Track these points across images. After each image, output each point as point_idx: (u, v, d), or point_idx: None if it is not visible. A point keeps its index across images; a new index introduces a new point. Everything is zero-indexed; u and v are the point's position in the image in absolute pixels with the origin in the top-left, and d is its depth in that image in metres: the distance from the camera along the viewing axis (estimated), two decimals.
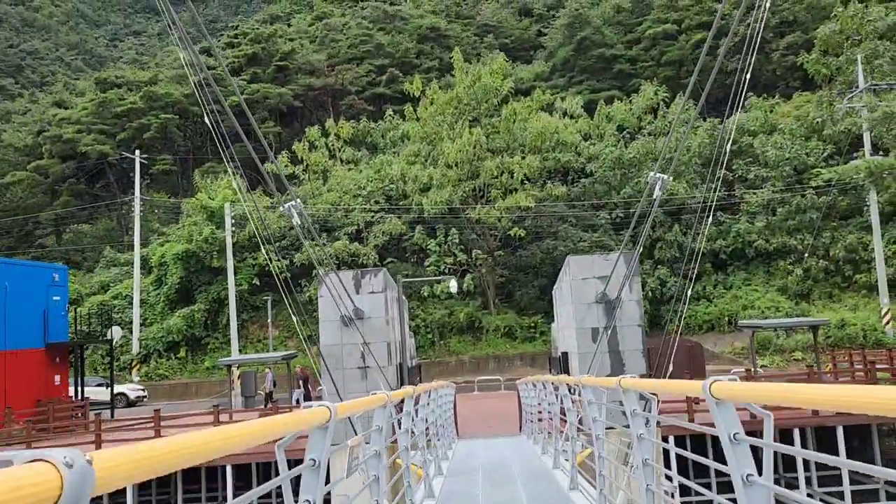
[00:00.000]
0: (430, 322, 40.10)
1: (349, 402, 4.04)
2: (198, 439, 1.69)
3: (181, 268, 41.52)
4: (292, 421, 2.68)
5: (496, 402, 27.12)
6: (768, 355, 31.70)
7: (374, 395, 5.05)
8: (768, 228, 37.13)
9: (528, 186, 41.15)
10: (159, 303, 42.08)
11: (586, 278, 18.75)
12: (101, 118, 56.61)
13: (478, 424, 21.08)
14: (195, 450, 1.65)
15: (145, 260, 43.92)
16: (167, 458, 1.49)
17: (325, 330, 19.04)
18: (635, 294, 18.58)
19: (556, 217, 41.74)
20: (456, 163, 41.39)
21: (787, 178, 37.55)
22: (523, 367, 36.81)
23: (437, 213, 41.43)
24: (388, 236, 42.09)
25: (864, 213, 35.02)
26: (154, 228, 49.19)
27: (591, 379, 6.70)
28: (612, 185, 41.87)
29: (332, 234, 43.41)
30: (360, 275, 19.28)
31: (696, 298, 38.30)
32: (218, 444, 1.83)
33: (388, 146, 50.22)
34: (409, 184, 43.26)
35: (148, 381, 38.36)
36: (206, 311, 40.88)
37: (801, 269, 35.74)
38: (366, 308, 18.86)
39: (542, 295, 40.36)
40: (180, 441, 1.61)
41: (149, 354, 39.86)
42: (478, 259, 40.51)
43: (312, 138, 47.84)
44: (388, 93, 58.56)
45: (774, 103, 44.77)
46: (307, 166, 47.53)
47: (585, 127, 45.33)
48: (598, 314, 18.53)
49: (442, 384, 13.41)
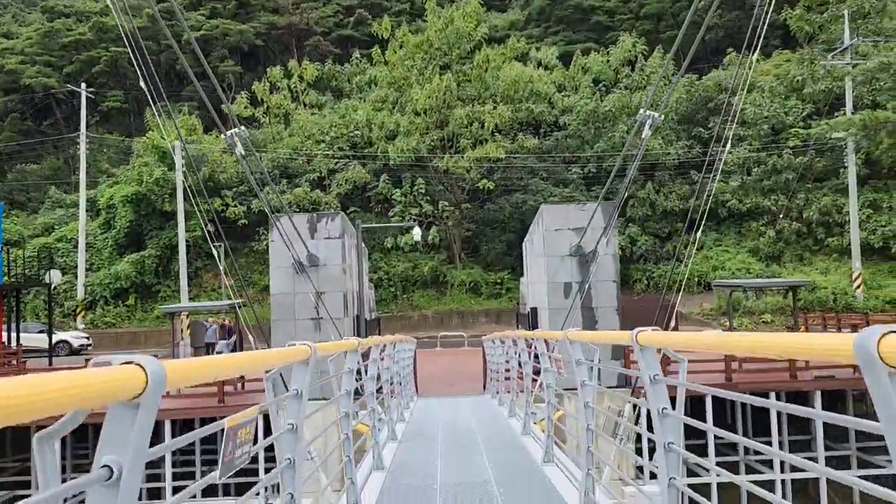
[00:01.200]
0: (392, 275, 38.69)
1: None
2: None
3: (131, 211, 39.19)
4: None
5: (459, 358, 26.00)
6: (737, 317, 31.06)
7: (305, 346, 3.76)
8: (742, 188, 36.26)
9: (498, 138, 39.57)
10: (107, 247, 39.79)
11: (560, 229, 17.44)
12: (46, 49, 52.91)
13: (439, 382, 19.87)
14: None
15: (93, 202, 41.42)
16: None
17: (275, 277, 17.50)
18: (612, 248, 17.36)
19: (527, 170, 40.31)
20: (424, 110, 39.53)
21: (764, 138, 36.57)
22: (488, 323, 35.78)
23: (403, 162, 39.70)
24: (351, 185, 40.27)
25: (840, 175, 34.31)
26: (104, 169, 46.40)
27: (579, 333, 5.37)
28: (586, 140, 40.49)
29: (292, 181, 41.41)
30: (316, 218, 17.68)
31: (665, 258, 37.52)
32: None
33: (354, 91, 47.92)
34: (375, 130, 41.33)
35: (94, 329, 36.37)
36: (157, 258, 38.79)
37: (773, 231, 35.05)
38: (321, 255, 17.33)
39: (509, 250, 39.19)
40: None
41: (95, 301, 37.77)
42: (444, 211, 39.00)
43: (274, 79, 45.29)
44: (355, 35, 55.82)
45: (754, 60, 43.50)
46: (268, 109, 45.12)
47: (560, 78, 43.68)
48: (571, 268, 17.29)
49: (400, 338, 12.04)
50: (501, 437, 9.37)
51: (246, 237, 40.42)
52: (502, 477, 6.74)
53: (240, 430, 2.39)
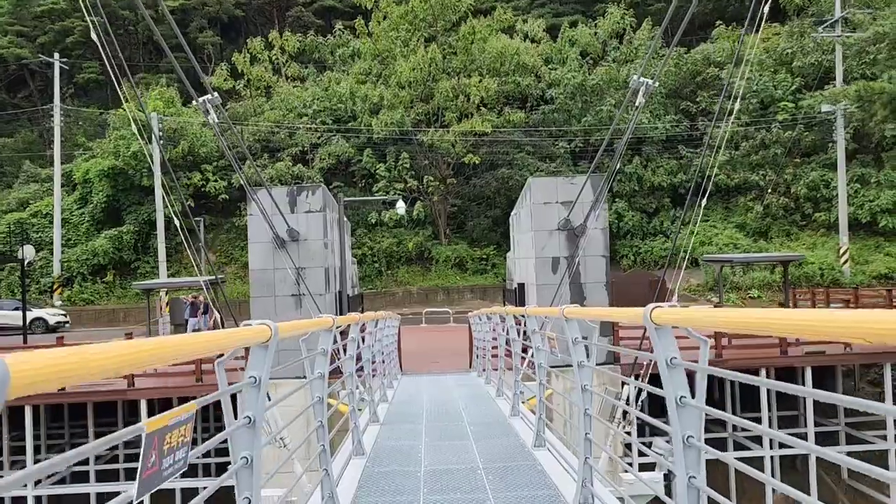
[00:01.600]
0: (377, 251, 38.13)
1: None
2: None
3: (108, 185, 38.21)
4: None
5: (445, 335, 25.61)
6: (724, 292, 30.90)
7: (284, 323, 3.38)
8: (730, 163, 35.91)
9: (484, 112, 38.86)
10: (84, 223, 38.83)
11: (549, 203, 16.94)
12: (19, 19, 51.23)
13: (424, 359, 19.46)
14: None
15: (69, 176, 40.36)
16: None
17: (254, 252, 16.90)
18: (601, 222, 16.89)
19: (513, 145, 39.68)
20: (409, 82, 38.69)
21: (752, 112, 36.15)
22: (474, 299, 35.43)
23: (387, 136, 38.94)
24: (334, 159, 39.48)
25: (828, 150, 34.02)
26: (80, 143, 45.16)
27: (577, 310, 4.90)
28: (573, 114, 39.88)
29: (274, 156, 40.54)
30: (296, 191, 17.05)
31: (652, 234, 37.24)
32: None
33: (337, 64, 46.81)
34: (359, 104, 40.45)
35: (71, 306, 35.61)
36: (135, 234, 37.94)
37: (760, 206, 34.80)
38: (301, 229, 16.74)
39: (495, 226, 38.72)
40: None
41: (72, 277, 36.92)
42: (429, 186, 38.36)
43: (255, 51, 44.11)
44: (338, 6, 54.51)
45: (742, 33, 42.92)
46: (248, 81, 44.01)
47: (547, 51, 42.91)
48: (559, 243, 16.83)
49: (383, 315, 11.56)
50: (489, 418, 8.95)
51: (228, 212, 39.63)
52: (491, 463, 6.31)
53: (168, 434, 1.89)
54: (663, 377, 3.01)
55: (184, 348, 2.12)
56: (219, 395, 2.73)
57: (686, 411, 2.94)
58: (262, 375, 3.06)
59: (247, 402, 3.03)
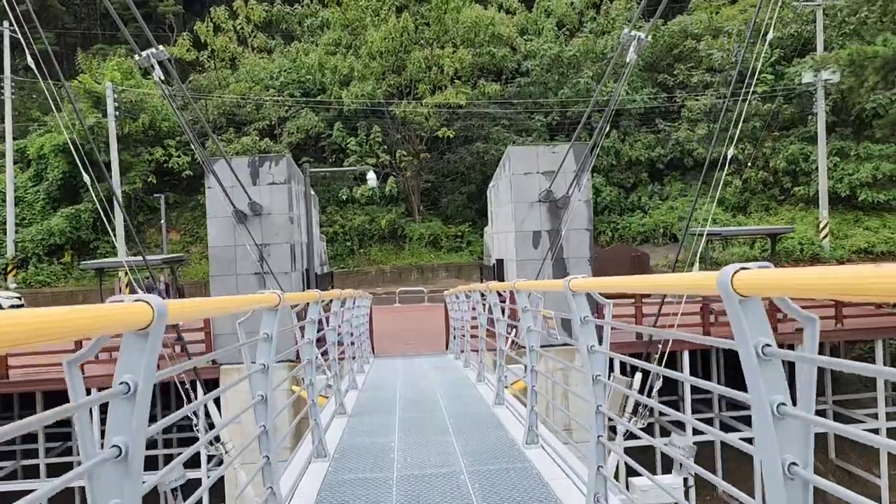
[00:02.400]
0: (348, 229, 36.91)
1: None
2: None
3: (64, 161, 36.24)
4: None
5: (419, 314, 24.63)
6: (705, 268, 30.33)
7: None
8: (708, 137, 35.19)
9: (458, 84, 37.61)
10: (39, 201, 36.96)
11: (529, 173, 15.95)
12: None
13: (398, 340, 18.47)
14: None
15: (23, 152, 38.34)
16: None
17: (213, 228, 15.70)
18: (585, 193, 15.96)
19: (488, 118, 38.55)
20: (380, 52, 37.24)
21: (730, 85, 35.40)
22: (448, 278, 34.47)
23: (358, 109, 37.56)
24: (304, 133, 38.02)
25: (807, 122, 33.46)
26: (35, 117, 43.01)
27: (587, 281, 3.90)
28: (549, 86, 38.82)
29: (240, 130, 38.95)
30: (258, 162, 15.83)
31: (630, 209, 36.53)
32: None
33: (305, 34, 45.09)
34: (328, 75, 38.96)
35: (27, 289, 33.90)
36: (94, 212, 36.16)
37: (739, 181, 34.22)
38: (265, 202, 15.56)
39: (469, 203, 37.70)
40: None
41: (27, 259, 35.16)
42: (402, 161, 37.13)
43: (219, 20, 42.24)
44: None
45: (720, 5, 42.15)
46: (213, 52, 42.16)
47: (523, 21, 41.71)
48: (541, 215, 15.89)
49: (351, 293, 10.51)
50: (471, 407, 7.99)
51: (192, 190, 38.01)
52: (477, 465, 5.34)
53: None
54: (749, 374, 2.02)
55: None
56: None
57: (786, 426, 1.95)
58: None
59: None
